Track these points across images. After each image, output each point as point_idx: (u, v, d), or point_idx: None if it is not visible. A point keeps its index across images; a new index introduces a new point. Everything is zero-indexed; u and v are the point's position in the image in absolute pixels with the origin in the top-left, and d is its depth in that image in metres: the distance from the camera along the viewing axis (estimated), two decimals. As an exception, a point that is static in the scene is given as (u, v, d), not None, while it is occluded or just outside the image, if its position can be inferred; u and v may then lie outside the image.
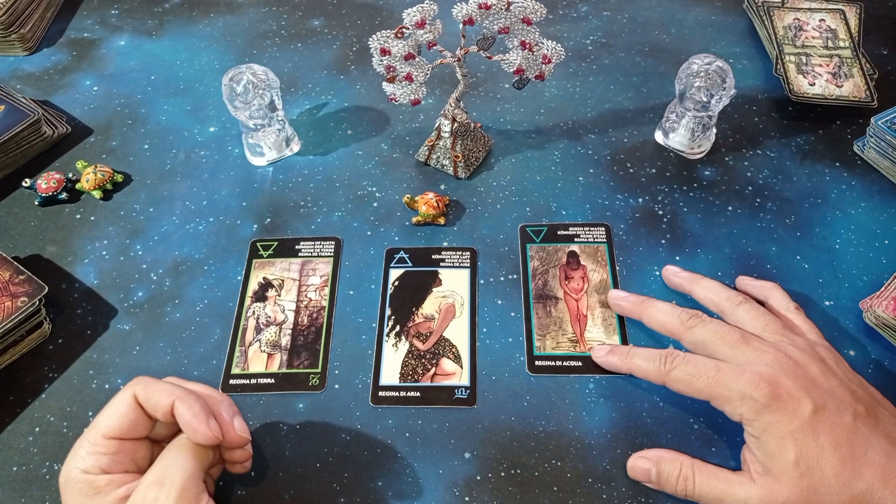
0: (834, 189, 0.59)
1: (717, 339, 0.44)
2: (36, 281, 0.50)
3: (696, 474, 0.41)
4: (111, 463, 0.38)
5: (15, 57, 0.73)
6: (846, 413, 0.39)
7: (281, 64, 0.71)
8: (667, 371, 0.43)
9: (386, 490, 0.44)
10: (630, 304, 0.50)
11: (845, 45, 0.67)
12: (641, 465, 0.44)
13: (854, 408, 0.40)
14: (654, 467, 0.43)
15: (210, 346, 0.51)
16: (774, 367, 0.41)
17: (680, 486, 0.42)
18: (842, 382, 0.41)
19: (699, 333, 0.45)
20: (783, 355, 0.42)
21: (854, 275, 0.54)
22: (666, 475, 0.42)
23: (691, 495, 0.42)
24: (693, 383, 0.42)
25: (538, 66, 0.52)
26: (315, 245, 0.56)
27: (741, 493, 0.40)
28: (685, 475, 0.42)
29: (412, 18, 0.50)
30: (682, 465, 0.42)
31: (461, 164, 0.60)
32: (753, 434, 0.40)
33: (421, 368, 0.49)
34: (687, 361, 0.43)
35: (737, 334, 0.44)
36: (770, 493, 0.39)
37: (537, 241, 0.56)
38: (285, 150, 0.62)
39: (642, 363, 0.45)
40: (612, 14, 0.76)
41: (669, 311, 0.47)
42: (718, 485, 0.41)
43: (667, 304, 0.48)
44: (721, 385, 0.41)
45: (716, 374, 0.41)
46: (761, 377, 0.40)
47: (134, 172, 0.62)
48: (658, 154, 0.62)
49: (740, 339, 0.43)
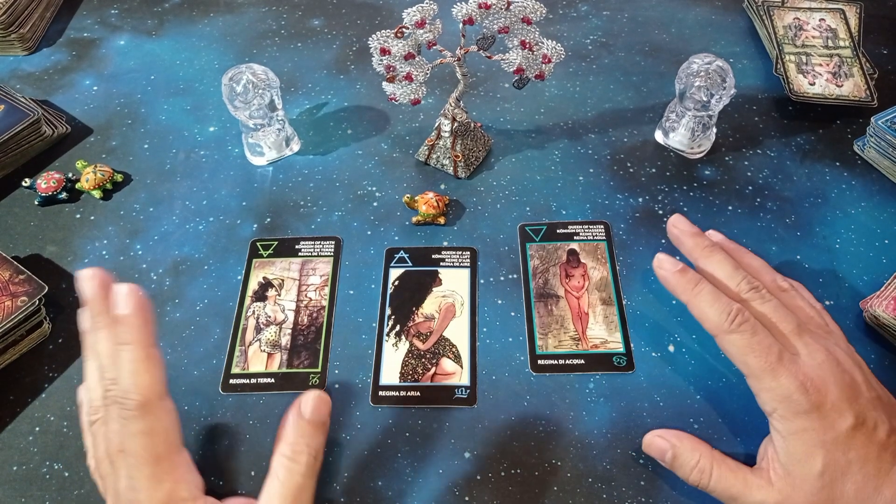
0: (834, 189, 0.59)
1: (775, 318, 0.41)
2: (36, 280, 0.50)
3: (714, 469, 0.40)
4: None
5: (15, 57, 0.72)
6: (882, 429, 0.38)
7: (281, 63, 0.71)
8: (729, 329, 0.40)
9: (386, 490, 0.44)
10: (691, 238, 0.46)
11: (845, 44, 0.67)
12: (659, 445, 0.43)
13: (890, 423, 0.38)
14: (671, 450, 0.42)
15: (210, 346, 0.51)
16: (824, 369, 0.39)
17: (694, 477, 0.41)
18: (878, 394, 0.40)
19: (758, 308, 0.42)
20: (833, 358, 0.40)
21: (854, 274, 0.54)
22: (682, 461, 0.41)
23: (704, 487, 0.41)
24: (747, 355, 0.39)
25: (538, 65, 0.52)
26: (315, 245, 0.56)
27: (757, 497, 0.39)
28: (703, 468, 0.41)
29: (412, 18, 0.50)
30: (701, 457, 0.41)
31: (461, 164, 0.60)
32: (781, 432, 0.39)
33: (421, 368, 0.49)
34: (755, 331, 0.40)
35: (795, 321, 0.41)
36: (786, 499, 0.38)
37: (537, 239, 0.56)
38: (285, 150, 0.62)
39: (707, 307, 0.41)
40: (612, 14, 0.76)
41: (730, 274, 0.43)
42: (735, 484, 0.40)
43: (727, 263, 0.44)
44: (772, 374, 0.39)
45: (775, 362, 0.39)
46: (812, 383, 0.38)
47: (134, 172, 0.62)
48: (658, 154, 0.62)
49: (797, 326, 0.41)
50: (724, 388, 0.48)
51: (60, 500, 0.44)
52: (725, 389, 0.48)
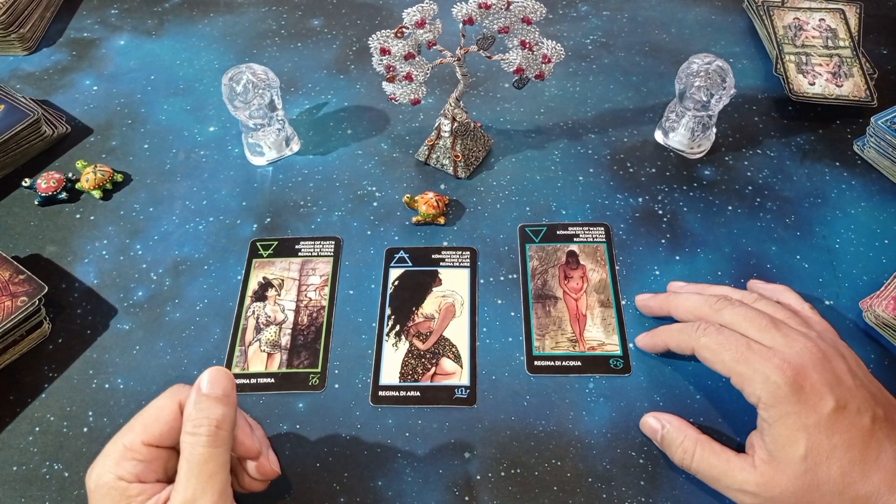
0: (834, 189, 0.59)
1: (745, 322, 0.43)
2: (36, 280, 0.50)
3: (697, 450, 0.42)
4: (146, 471, 0.37)
5: (15, 56, 0.72)
6: (865, 415, 0.39)
7: (281, 63, 0.71)
8: (697, 337, 0.43)
9: (386, 490, 0.44)
10: (658, 302, 0.50)
11: (845, 44, 0.67)
12: (651, 424, 0.45)
13: (874, 410, 0.39)
14: (661, 430, 0.44)
15: (210, 346, 0.51)
16: (803, 356, 0.40)
17: (678, 456, 0.43)
18: (863, 383, 0.41)
19: (728, 315, 0.44)
20: (813, 345, 0.41)
21: (854, 274, 0.54)
22: (669, 441, 0.43)
23: (688, 468, 0.42)
24: (720, 353, 0.42)
25: (538, 65, 0.52)
26: (315, 245, 0.56)
27: (739, 477, 0.40)
28: (686, 448, 0.42)
29: (412, 18, 0.50)
30: (686, 438, 0.43)
31: (461, 164, 0.60)
32: (767, 420, 0.40)
33: (421, 368, 0.49)
34: (720, 332, 0.43)
35: (766, 318, 0.43)
36: (769, 481, 0.39)
37: (536, 240, 0.56)
38: (285, 150, 0.62)
39: (675, 332, 0.46)
40: (611, 14, 0.76)
41: (698, 298, 0.47)
42: (718, 464, 0.41)
43: (694, 292, 0.48)
44: (747, 363, 0.41)
45: (745, 351, 0.41)
46: (789, 365, 0.39)
47: (134, 172, 0.62)
48: (658, 154, 0.62)
49: (770, 323, 0.43)
50: (724, 388, 0.48)
51: (60, 500, 0.44)
52: (725, 389, 0.48)
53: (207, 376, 0.39)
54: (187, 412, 0.38)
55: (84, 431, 0.47)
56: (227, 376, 0.39)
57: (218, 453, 0.37)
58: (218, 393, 0.38)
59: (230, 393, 0.39)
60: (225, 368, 0.41)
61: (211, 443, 0.37)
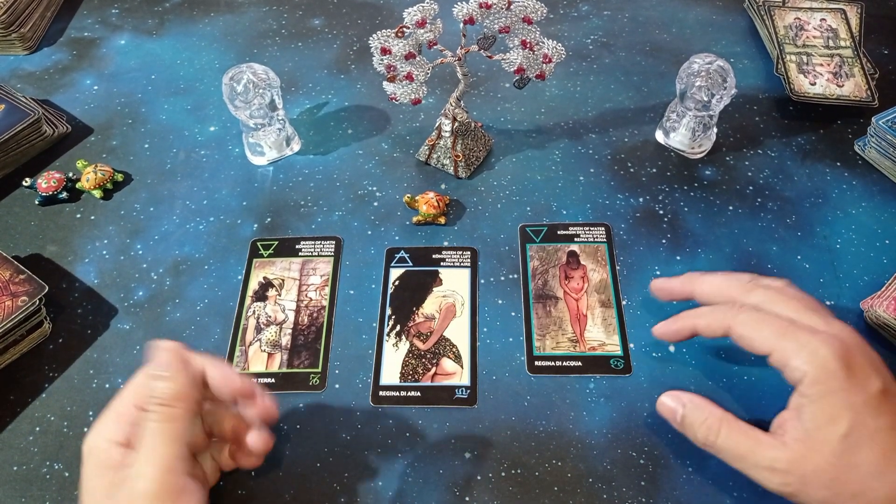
0: (835, 189, 0.59)
1: (780, 303, 0.41)
2: (36, 280, 0.50)
3: (723, 427, 0.40)
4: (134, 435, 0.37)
5: (15, 56, 0.72)
6: None
7: (281, 63, 0.71)
8: (735, 314, 0.41)
9: (386, 490, 0.44)
10: (680, 282, 0.47)
11: (846, 44, 0.67)
12: (669, 404, 0.43)
13: None
14: (681, 409, 0.42)
15: (210, 346, 0.51)
16: (845, 336, 0.38)
17: (701, 434, 0.40)
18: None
19: (760, 295, 0.42)
20: (850, 331, 0.39)
21: (855, 275, 0.54)
22: (690, 420, 0.41)
23: (712, 447, 0.40)
24: (761, 329, 0.39)
25: (539, 65, 0.52)
26: (315, 244, 0.56)
27: (769, 454, 0.38)
28: (710, 425, 0.40)
29: (413, 18, 0.50)
30: (710, 415, 0.40)
31: (462, 164, 0.60)
32: (809, 396, 0.37)
33: (421, 368, 0.49)
34: (758, 310, 0.40)
35: (801, 301, 0.41)
36: (801, 458, 0.37)
37: (537, 240, 0.56)
38: (285, 150, 0.62)
39: (707, 312, 0.43)
40: (612, 13, 0.76)
41: (726, 277, 0.44)
42: (745, 441, 0.39)
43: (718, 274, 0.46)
44: (792, 337, 0.38)
45: (789, 325, 0.39)
46: (839, 339, 0.37)
47: (134, 172, 0.62)
48: (659, 154, 0.62)
49: (804, 305, 0.40)
50: (725, 388, 0.48)
51: (60, 500, 0.44)
52: (726, 389, 0.48)
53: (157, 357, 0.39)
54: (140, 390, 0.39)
55: (84, 431, 0.47)
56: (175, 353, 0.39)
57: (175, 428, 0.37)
58: (158, 374, 0.38)
59: (180, 370, 0.39)
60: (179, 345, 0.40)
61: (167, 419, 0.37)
